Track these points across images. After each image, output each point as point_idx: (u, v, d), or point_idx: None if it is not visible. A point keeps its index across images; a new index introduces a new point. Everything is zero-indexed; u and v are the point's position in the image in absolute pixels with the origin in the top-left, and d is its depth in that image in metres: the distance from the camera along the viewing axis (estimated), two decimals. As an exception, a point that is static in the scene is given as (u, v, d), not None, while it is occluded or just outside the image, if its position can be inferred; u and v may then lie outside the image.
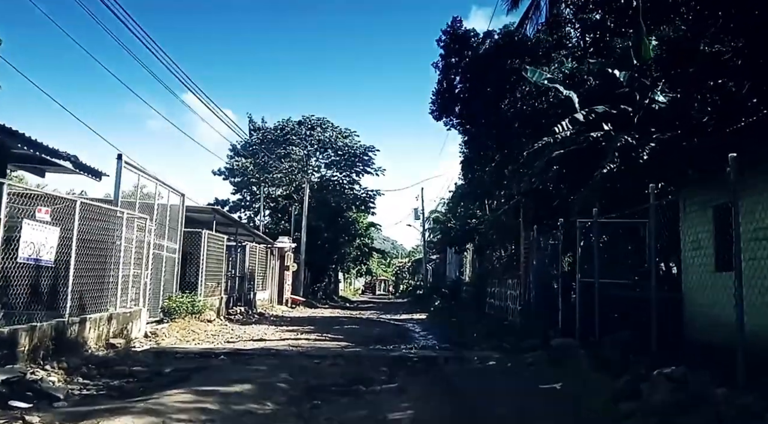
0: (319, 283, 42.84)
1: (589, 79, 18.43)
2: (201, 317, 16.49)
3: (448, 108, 27.49)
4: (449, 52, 25.65)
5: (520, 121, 25.66)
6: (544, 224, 13.77)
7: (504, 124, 23.99)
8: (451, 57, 26.14)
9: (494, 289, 18.47)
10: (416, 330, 18.82)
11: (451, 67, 27.18)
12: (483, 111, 24.20)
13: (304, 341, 13.79)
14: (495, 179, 28.45)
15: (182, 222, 17.01)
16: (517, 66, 24.40)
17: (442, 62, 27.30)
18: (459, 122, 28.28)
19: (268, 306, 27.59)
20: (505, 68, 22.65)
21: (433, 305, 29.28)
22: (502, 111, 25.77)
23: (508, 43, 23.51)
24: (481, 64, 23.07)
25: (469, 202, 32.55)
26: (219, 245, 19.45)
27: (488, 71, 22.79)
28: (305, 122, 42.14)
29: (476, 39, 24.75)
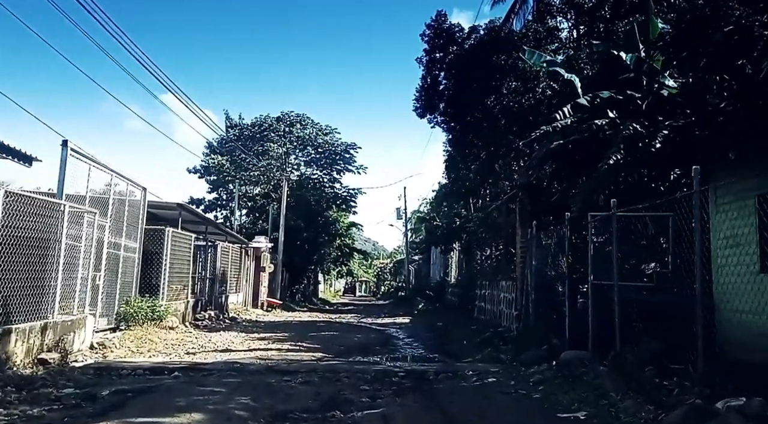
0: (298, 285, 41.19)
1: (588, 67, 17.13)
2: (162, 323, 14.86)
3: (432, 105, 26.75)
4: (433, 47, 24.87)
5: (507, 118, 24.81)
6: (543, 220, 12.41)
7: (490, 120, 23.24)
8: (435, 52, 25.41)
9: (485, 291, 17.08)
10: (400, 337, 17.35)
11: (436, 62, 26.27)
12: (468, 107, 23.45)
13: (275, 351, 12.25)
14: (481, 177, 27.51)
15: (143, 219, 15.38)
16: (504, 62, 23.50)
17: (426, 58, 26.44)
18: (443, 120, 27.58)
19: (241, 310, 25.95)
20: (491, 64, 21.96)
21: (416, 308, 27.88)
22: (488, 107, 24.89)
23: (494, 38, 22.81)
24: (467, 60, 22.38)
25: (453, 202, 31.50)
26: (185, 244, 17.82)
27: (474, 67, 22.11)
28: (284, 118, 40.44)
29: (461, 34, 23.98)
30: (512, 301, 13.17)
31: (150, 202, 16.00)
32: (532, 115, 25.31)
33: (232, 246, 24.91)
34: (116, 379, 8.72)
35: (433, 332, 18.26)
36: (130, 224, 14.72)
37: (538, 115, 25.40)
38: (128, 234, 14.61)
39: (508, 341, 11.86)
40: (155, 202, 16.76)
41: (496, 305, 14.92)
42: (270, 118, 40.51)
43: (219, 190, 45.92)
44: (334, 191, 42.56)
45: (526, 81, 25.29)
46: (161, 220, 17.85)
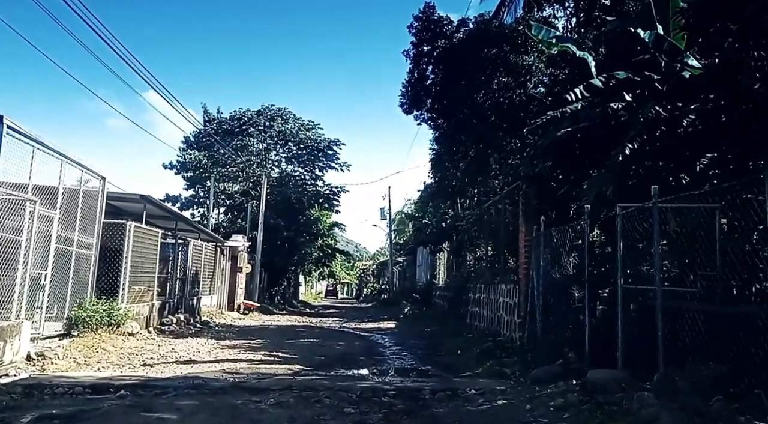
0: (277, 286, 39.50)
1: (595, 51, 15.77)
2: (121, 329, 13.23)
3: (419, 100, 25.98)
4: (421, 40, 24.01)
5: (498, 114, 23.97)
6: (551, 216, 11.00)
7: (480, 116, 22.50)
8: (423, 45, 24.58)
9: (479, 295, 15.64)
10: (387, 344, 15.86)
11: (423, 56, 25.43)
12: (457, 103, 23.03)
13: (246, 363, 10.67)
14: (470, 176, 26.36)
15: (101, 212, 13.74)
16: (494, 56, 22.58)
17: (414, 51, 25.60)
18: (430, 116, 26.87)
19: (215, 313, 24.27)
20: (481, 58, 21.03)
21: (402, 312, 26.41)
22: (478, 103, 24.01)
23: (484, 32, 21.88)
24: (456, 54, 21.17)
25: (439, 202, 30.27)
26: (151, 241, 16.17)
27: (463, 61, 21.25)
28: (264, 112, 38.71)
29: (450, 27, 23.16)
30: (514, 307, 11.74)
31: (110, 193, 14.38)
32: (523, 111, 24.21)
33: (206, 244, 23.26)
34: (47, 400, 7.15)
35: (422, 340, 16.79)
36: (86, 217, 13.09)
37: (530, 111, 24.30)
38: (83, 228, 12.98)
39: (512, 353, 10.43)
40: (116, 193, 15.12)
41: (494, 310, 13.49)
42: (250, 111, 38.82)
43: (196, 187, 44.08)
44: (317, 189, 40.96)
45: (518, 76, 24.20)
46: (125, 214, 16.20)
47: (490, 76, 23.76)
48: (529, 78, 25.51)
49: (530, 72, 24.98)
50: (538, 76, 25.09)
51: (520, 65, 24.01)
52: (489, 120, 24.66)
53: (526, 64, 23.94)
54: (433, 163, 30.36)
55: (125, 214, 16.40)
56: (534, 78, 25.24)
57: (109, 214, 15.44)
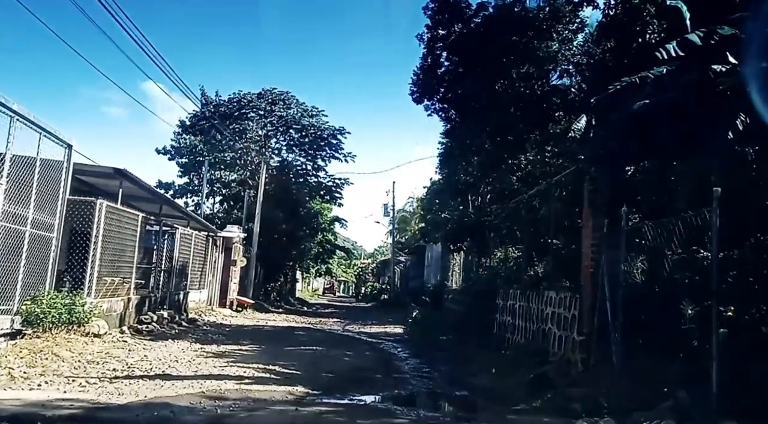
0: (274, 282, 37.04)
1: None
2: (85, 328, 10.85)
3: (431, 89, 24.06)
4: (437, 23, 22.19)
5: (518, 106, 22.02)
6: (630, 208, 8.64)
7: (498, 108, 19.74)
8: (438, 28, 22.74)
9: (513, 303, 13.28)
10: (402, 356, 13.51)
11: (438, 40, 23.42)
12: (473, 93, 20.11)
13: (234, 382, 8.26)
14: (483, 171, 24.47)
15: (66, 187, 11.33)
16: (515, 42, 20.58)
17: (428, 35, 23.65)
18: (442, 107, 24.93)
19: (205, 310, 21.89)
20: (500, 44, 18.78)
21: (410, 316, 24.02)
22: (496, 93, 22.02)
23: (506, 16, 19.96)
24: (473, 40, 19.19)
25: (448, 198, 28.25)
26: (129, 225, 13.78)
27: (481, 48, 18.92)
28: (265, 95, 36.16)
29: (468, 10, 21.06)
30: (572, 320, 9.37)
31: (78, 165, 11.96)
32: (546, 103, 22.25)
33: (196, 234, 20.85)
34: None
35: (441, 351, 14.48)
36: (45, 192, 10.69)
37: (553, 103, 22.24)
38: (40, 205, 10.58)
39: (578, 382, 8.07)
40: (84, 165, 12.66)
41: (538, 322, 11.12)
42: (250, 94, 36.28)
43: (191, 174, 41.60)
44: (319, 180, 38.50)
45: (541, 65, 22.29)
46: (103, 194, 13.77)
47: (510, 64, 21.94)
48: (553, 67, 23.37)
49: (555, 60, 22.85)
50: (563, 65, 22.95)
51: (544, 53, 22.03)
52: (508, 111, 22.69)
53: (551, 51, 21.99)
54: (441, 159, 28.30)
55: (102, 194, 13.98)
56: (559, 67, 23.11)
57: (83, 193, 13.09)
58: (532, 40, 20.57)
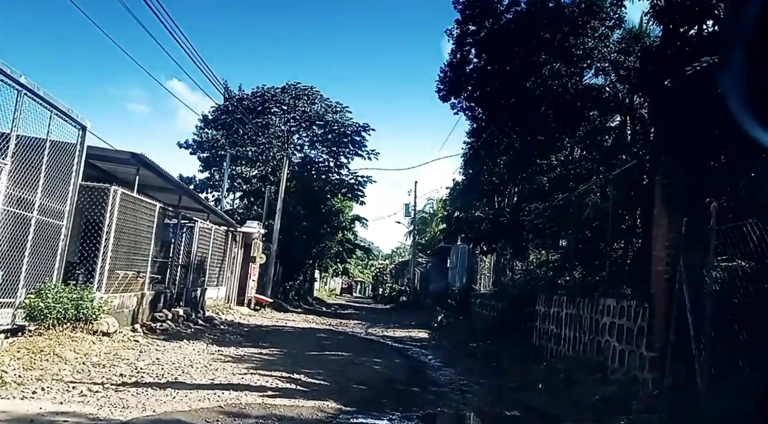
0: (292, 281, 36.13)
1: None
2: (93, 326, 9.94)
3: (458, 87, 23.00)
4: (466, 18, 21.07)
5: (550, 104, 20.94)
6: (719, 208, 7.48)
7: (529, 106, 19.00)
8: (468, 24, 21.71)
9: (557, 310, 12.16)
10: (434, 364, 12.45)
11: (468, 36, 22.41)
12: (503, 91, 19.30)
13: (256, 394, 7.24)
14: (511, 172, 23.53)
15: (79, 171, 10.43)
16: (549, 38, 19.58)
17: (458, 30, 22.68)
18: (470, 106, 23.82)
19: (222, 307, 21.00)
20: (533, 41, 18.04)
21: (435, 320, 22.99)
22: (527, 91, 20.95)
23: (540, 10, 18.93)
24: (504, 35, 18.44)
25: (473, 199, 27.30)
26: (145, 215, 12.87)
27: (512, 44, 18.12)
28: (289, 90, 35.26)
29: (500, 5, 20.06)
30: (640, 334, 8.24)
31: (92, 149, 11.05)
32: (580, 102, 21.09)
33: (216, 228, 19.96)
34: None
35: (475, 360, 13.41)
36: (56, 176, 9.80)
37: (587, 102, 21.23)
38: (50, 190, 9.68)
39: (654, 407, 6.94)
40: (99, 150, 11.74)
41: (593, 333, 10.00)
42: (274, 88, 35.38)
43: (212, 169, 40.93)
44: (341, 178, 37.50)
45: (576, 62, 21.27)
46: (118, 181, 12.88)
47: (543, 61, 21.07)
48: (588, 64, 22.40)
49: (591, 58, 21.89)
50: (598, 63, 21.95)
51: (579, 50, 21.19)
52: (539, 110, 21.80)
53: (587, 48, 21.11)
54: (465, 159, 27.40)
55: (120, 182, 13.09)
56: (594, 64, 22.12)
57: (99, 180, 12.20)
58: (567, 37, 19.69)
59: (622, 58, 21.40)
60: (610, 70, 21.84)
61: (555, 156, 23.52)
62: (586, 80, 22.49)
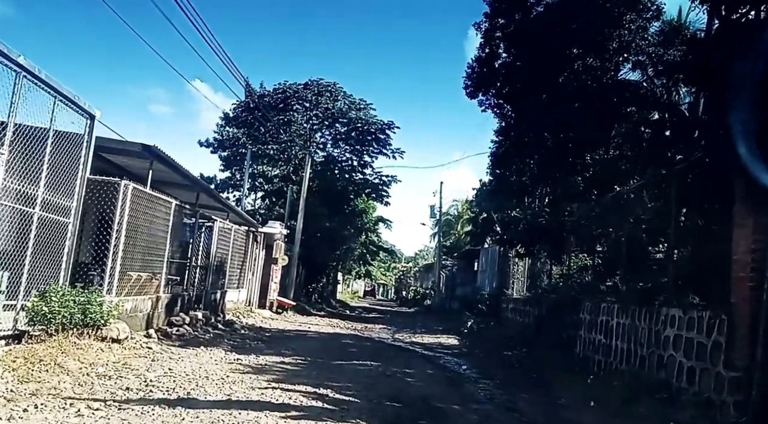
0: (315, 283, 35.31)
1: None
2: (101, 332, 9.12)
3: (486, 83, 22.40)
4: (495, 12, 20.95)
5: (584, 100, 19.94)
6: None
7: (561, 102, 18.25)
8: (497, 17, 21.03)
9: (606, 319, 11.09)
10: (470, 376, 11.41)
11: (497, 29, 21.60)
12: (533, 86, 18.85)
13: (276, 414, 6.28)
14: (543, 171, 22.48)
15: (87, 164, 9.64)
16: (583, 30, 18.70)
17: (486, 24, 21.97)
18: (498, 103, 22.99)
19: (243, 311, 20.20)
20: (566, 34, 17.50)
21: (464, 325, 21.95)
22: (558, 86, 20.05)
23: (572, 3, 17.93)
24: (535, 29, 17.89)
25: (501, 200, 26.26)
26: (161, 213, 12.07)
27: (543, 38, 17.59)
28: (311, 86, 34.43)
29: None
30: (712, 348, 7.17)
31: (101, 140, 10.25)
32: (616, 97, 20.05)
33: (236, 228, 19.17)
34: None
35: (512, 371, 12.38)
36: (61, 168, 9.00)
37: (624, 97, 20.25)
38: (54, 184, 8.89)
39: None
40: (108, 141, 10.91)
41: (651, 346, 8.93)
42: (296, 84, 34.57)
43: (233, 169, 40.36)
44: (365, 177, 36.56)
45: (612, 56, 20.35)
46: (132, 177, 12.07)
47: (576, 56, 20.10)
48: (625, 58, 21.35)
49: (627, 51, 20.82)
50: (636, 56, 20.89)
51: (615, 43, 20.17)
52: (572, 106, 20.77)
53: (623, 41, 20.08)
54: (494, 159, 26.45)
55: (134, 178, 12.30)
56: (632, 58, 21.06)
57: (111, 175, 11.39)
58: (601, 30, 18.82)
59: (662, 50, 20.26)
60: (647, 64, 20.73)
61: (590, 155, 22.42)
62: (622, 75, 21.43)
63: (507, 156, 24.13)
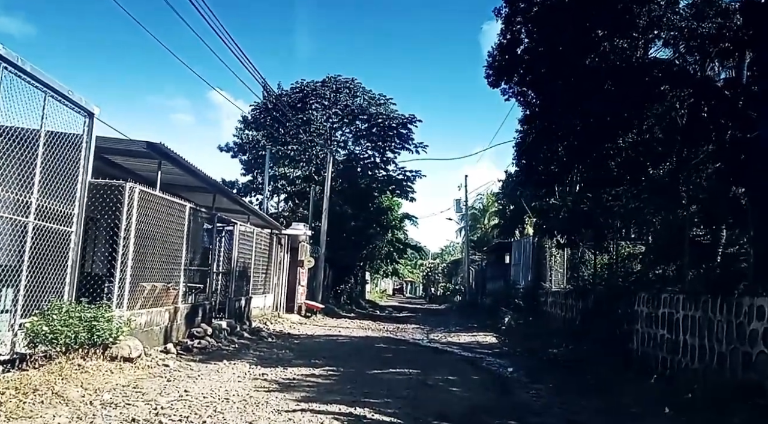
0: (343, 284, 34.40)
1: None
2: (111, 350, 8.25)
3: (509, 70, 20.92)
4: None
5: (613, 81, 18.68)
6: None
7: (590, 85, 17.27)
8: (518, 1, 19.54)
9: (669, 311, 9.93)
10: (519, 380, 10.35)
11: (518, 14, 20.32)
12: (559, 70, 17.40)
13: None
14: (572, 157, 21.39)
15: (87, 168, 8.77)
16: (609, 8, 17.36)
17: (506, 8, 20.61)
18: (521, 90, 21.67)
19: (270, 317, 19.34)
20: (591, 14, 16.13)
21: (501, 322, 20.85)
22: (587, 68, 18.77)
23: None
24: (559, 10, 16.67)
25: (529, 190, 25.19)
26: (174, 218, 11.18)
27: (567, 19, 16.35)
28: (329, 83, 33.48)
29: None
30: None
31: (101, 140, 9.38)
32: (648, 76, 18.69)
33: (258, 231, 18.28)
34: None
35: (562, 370, 11.32)
36: (57, 173, 8.14)
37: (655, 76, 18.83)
38: (50, 190, 8.03)
39: None
40: (108, 140, 9.96)
41: (731, 342, 7.78)
42: (314, 82, 33.67)
43: (254, 172, 39.70)
44: (388, 174, 35.51)
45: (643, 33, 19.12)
46: (140, 179, 11.20)
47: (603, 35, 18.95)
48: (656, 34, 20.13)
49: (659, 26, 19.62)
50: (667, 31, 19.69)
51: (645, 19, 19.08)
52: (602, 89, 19.62)
53: (653, 16, 18.93)
54: (519, 149, 25.40)
55: (143, 181, 11.43)
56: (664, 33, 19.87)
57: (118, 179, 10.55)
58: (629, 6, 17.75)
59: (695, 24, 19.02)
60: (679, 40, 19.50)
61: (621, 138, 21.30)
62: (653, 53, 20.24)
63: (533, 145, 23.05)
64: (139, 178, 11.62)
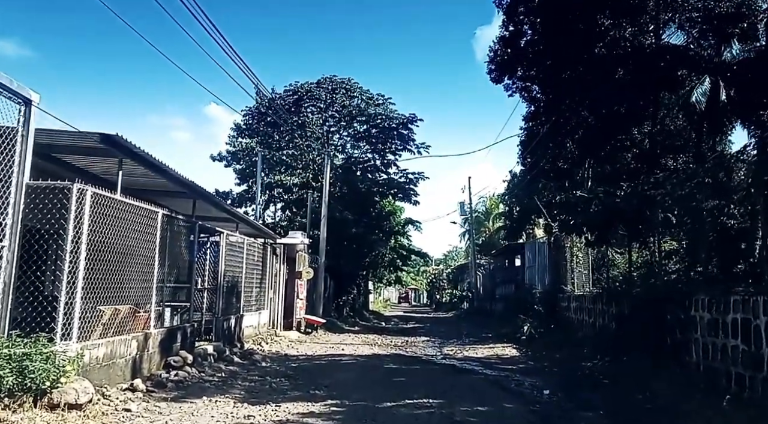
0: (345, 295, 32.54)
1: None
2: (52, 396, 6.46)
3: (512, 65, 20.83)
4: None
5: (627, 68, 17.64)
6: None
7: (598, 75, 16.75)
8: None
9: (741, 317, 8.18)
10: (566, 408, 8.55)
11: (520, 4, 19.30)
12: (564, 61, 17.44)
13: None
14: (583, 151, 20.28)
15: (24, 168, 7.00)
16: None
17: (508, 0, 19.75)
18: (525, 86, 20.74)
19: (266, 335, 17.52)
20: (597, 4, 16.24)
21: (518, 331, 19.04)
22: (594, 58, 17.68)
23: None
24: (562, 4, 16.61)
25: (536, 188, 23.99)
26: (143, 226, 9.38)
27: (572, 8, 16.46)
28: (324, 84, 31.74)
29: None
30: None
31: (52, 135, 7.61)
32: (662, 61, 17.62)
33: (249, 241, 16.48)
34: None
35: (611, 391, 9.53)
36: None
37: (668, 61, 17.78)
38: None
39: None
40: (53, 133, 8.12)
41: None
42: (308, 83, 31.94)
43: (249, 181, 37.85)
44: (389, 177, 33.73)
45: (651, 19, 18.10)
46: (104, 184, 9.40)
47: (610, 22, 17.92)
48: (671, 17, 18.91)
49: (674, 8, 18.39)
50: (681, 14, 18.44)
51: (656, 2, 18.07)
52: (612, 78, 18.38)
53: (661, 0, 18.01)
54: (522, 146, 24.19)
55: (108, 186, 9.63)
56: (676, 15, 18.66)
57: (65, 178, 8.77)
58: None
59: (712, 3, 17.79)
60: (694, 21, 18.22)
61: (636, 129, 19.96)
62: (665, 38, 19.02)
63: (541, 141, 21.49)
64: (102, 182, 9.83)
